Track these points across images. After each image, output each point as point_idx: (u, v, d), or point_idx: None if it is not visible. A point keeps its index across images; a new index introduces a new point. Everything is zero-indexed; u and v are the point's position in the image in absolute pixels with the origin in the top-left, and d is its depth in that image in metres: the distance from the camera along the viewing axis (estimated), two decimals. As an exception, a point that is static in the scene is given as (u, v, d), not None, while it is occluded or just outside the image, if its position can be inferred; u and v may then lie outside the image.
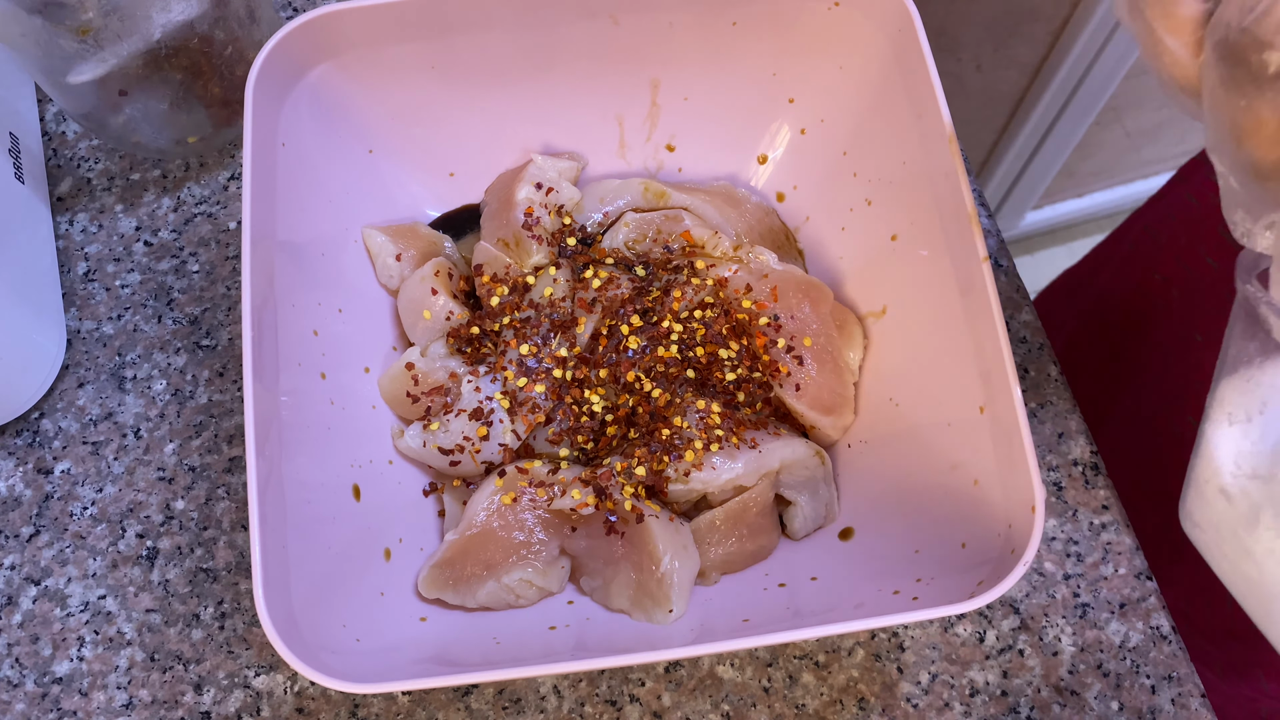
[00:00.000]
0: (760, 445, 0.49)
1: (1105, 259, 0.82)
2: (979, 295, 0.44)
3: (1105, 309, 0.78)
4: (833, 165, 0.54)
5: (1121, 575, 0.54)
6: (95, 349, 0.58)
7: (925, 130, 0.47)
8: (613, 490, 0.47)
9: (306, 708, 0.51)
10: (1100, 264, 0.83)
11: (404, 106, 0.53)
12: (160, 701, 0.51)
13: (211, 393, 0.57)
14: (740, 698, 0.51)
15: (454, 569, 0.47)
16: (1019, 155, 1.25)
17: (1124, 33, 1.02)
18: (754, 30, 0.52)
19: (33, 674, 0.52)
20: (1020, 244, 1.50)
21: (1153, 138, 1.32)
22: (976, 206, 0.45)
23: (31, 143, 0.61)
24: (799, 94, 0.54)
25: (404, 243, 0.53)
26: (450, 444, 0.49)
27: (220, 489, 0.55)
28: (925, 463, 0.48)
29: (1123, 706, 0.51)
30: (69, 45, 0.50)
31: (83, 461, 0.56)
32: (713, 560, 0.48)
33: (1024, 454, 0.41)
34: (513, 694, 0.52)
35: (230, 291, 0.59)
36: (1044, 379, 0.58)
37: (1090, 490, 0.55)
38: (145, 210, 0.61)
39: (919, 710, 0.51)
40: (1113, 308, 0.77)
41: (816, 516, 0.50)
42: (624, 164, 0.57)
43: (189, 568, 0.54)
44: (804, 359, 0.50)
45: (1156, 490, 0.66)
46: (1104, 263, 0.82)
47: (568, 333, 0.51)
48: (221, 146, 0.62)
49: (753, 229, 0.55)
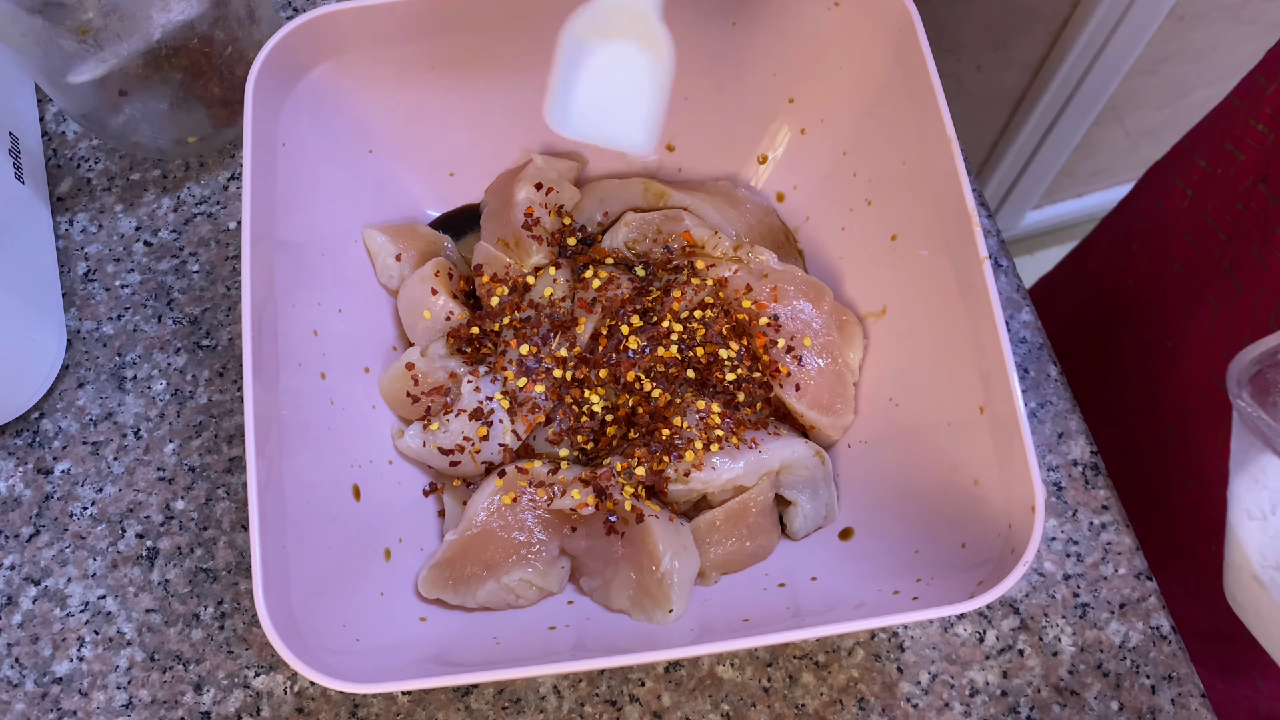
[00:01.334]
0: (760, 445, 0.49)
1: (1077, 269, 0.83)
2: (979, 295, 0.44)
3: (1080, 315, 0.79)
4: (833, 165, 0.54)
5: (1121, 575, 0.54)
6: (95, 349, 0.58)
7: (925, 130, 0.47)
8: (613, 490, 0.47)
9: (306, 708, 0.51)
10: (1073, 273, 0.83)
11: (404, 106, 0.53)
12: (160, 701, 0.51)
13: (211, 393, 0.57)
14: (740, 698, 0.51)
15: (454, 569, 0.47)
16: (1019, 155, 1.25)
17: (1124, 32, 1.02)
18: (754, 30, 0.52)
19: (33, 674, 0.52)
20: (1020, 244, 1.50)
21: (1153, 138, 1.32)
22: (976, 206, 0.45)
23: (31, 143, 0.61)
24: (799, 94, 0.54)
25: (404, 243, 0.53)
26: (450, 444, 0.49)
27: (220, 489, 0.55)
28: (925, 463, 0.48)
29: (1123, 706, 0.51)
30: (69, 45, 0.50)
31: (83, 461, 0.56)
32: (713, 560, 0.48)
33: (1024, 454, 0.41)
34: (513, 694, 0.52)
35: (230, 291, 0.59)
36: (1044, 379, 0.58)
37: (1090, 490, 0.55)
38: (145, 210, 0.61)
39: (919, 710, 0.51)
40: (1087, 313, 0.78)
41: (816, 516, 0.50)
42: (624, 164, 0.57)
43: (189, 568, 0.54)
44: (804, 359, 0.50)
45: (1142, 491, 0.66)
46: (1076, 272, 0.82)
47: (568, 333, 0.51)
48: (221, 146, 0.62)
49: (753, 229, 0.55)
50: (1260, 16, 1.12)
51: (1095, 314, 0.76)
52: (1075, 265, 0.84)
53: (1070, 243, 1.48)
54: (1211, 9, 1.08)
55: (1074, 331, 0.79)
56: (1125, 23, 1.01)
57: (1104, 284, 0.76)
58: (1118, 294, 0.72)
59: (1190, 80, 1.22)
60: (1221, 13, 1.10)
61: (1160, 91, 1.23)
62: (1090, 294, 0.78)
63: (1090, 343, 0.72)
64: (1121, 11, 1.00)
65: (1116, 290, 0.73)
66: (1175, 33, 1.10)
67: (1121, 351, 0.71)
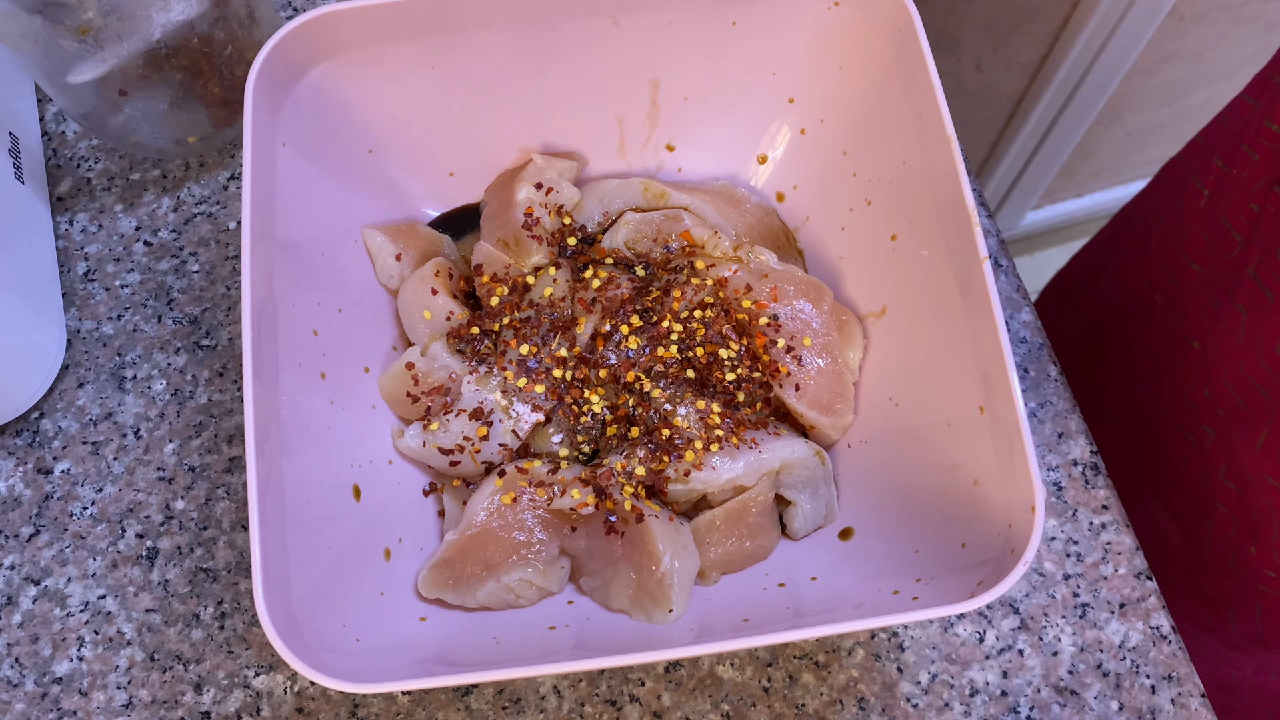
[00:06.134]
0: (760, 445, 0.49)
1: (1100, 261, 0.82)
2: (979, 295, 0.44)
3: (1098, 312, 0.78)
4: (833, 165, 0.54)
5: (1121, 575, 0.54)
6: (95, 349, 0.58)
7: (925, 130, 0.47)
8: (613, 490, 0.47)
9: (306, 708, 0.51)
10: (1096, 266, 0.83)
11: (404, 106, 0.53)
12: (160, 701, 0.51)
13: (211, 393, 0.57)
14: (740, 698, 0.51)
15: (454, 569, 0.47)
16: (1019, 155, 1.25)
17: (1124, 32, 1.02)
18: (754, 30, 0.52)
19: (33, 674, 0.52)
20: (1020, 244, 1.50)
21: (1153, 138, 1.32)
22: (976, 206, 0.45)
23: (31, 143, 0.61)
24: (799, 94, 0.54)
25: (404, 243, 0.53)
26: (450, 444, 0.49)
27: (220, 489, 0.55)
28: (925, 463, 0.48)
29: (1123, 706, 0.51)
30: (69, 45, 0.50)
31: (83, 461, 0.56)
32: (713, 560, 0.48)
33: (1024, 454, 0.41)
34: (513, 694, 0.52)
35: (230, 291, 0.59)
36: (1044, 379, 0.58)
37: (1090, 490, 0.55)
38: (145, 210, 0.61)
39: (919, 710, 0.51)
40: (1106, 311, 0.77)
41: (816, 516, 0.50)
42: (624, 164, 0.57)
43: (189, 568, 0.54)
44: (804, 359, 0.50)
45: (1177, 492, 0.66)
46: (1100, 265, 0.82)
47: (568, 333, 0.51)
48: (221, 146, 0.62)
49: (753, 229, 0.55)
50: (1260, 16, 1.12)
51: (1112, 313, 0.76)
52: (1094, 261, 0.84)
53: (1070, 242, 1.49)
54: (1211, 9, 1.08)
55: (1088, 332, 0.79)
56: (1125, 23, 1.01)
57: (1121, 282, 0.75)
58: (1136, 294, 0.72)
59: (1190, 80, 1.22)
60: (1221, 12, 1.10)
61: (1160, 91, 1.23)
62: (1107, 292, 0.78)
63: (1104, 343, 0.72)
64: (1121, 11, 1.00)
65: (1134, 290, 0.72)
66: (1175, 33, 1.10)
67: (1142, 352, 0.71)
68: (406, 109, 0.53)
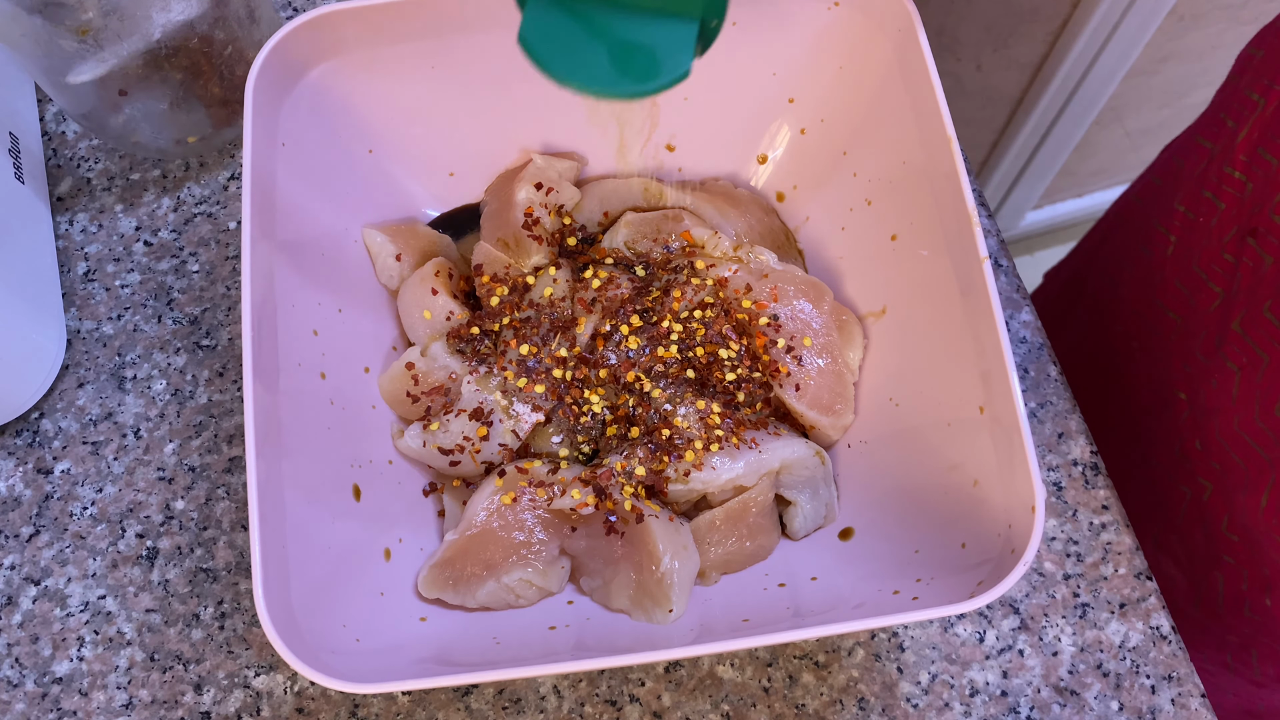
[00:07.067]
0: (760, 445, 0.49)
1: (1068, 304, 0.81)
2: (979, 295, 0.44)
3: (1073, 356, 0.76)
4: (833, 165, 0.54)
5: (1121, 575, 0.54)
6: (95, 349, 0.58)
7: (925, 130, 0.47)
8: (613, 490, 0.47)
9: (306, 708, 0.51)
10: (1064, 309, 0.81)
11: (404, 106, 0.53)
12: (160, 701, 0.51)
13: (211, 393, 0.57)
14: (740, 698, 0.51)
15: (454, 569, 0.47)
16: (1019, 155, 1.25)
17: (1124, 32, 1.02)
18: (754, 30, 0.52)
19: (33, 674, 0.52)
20: (1020, 244, 1.50)
21: (1153, 138, 1.32)
22: (976, 206, 0.45)
23: (31, 143, 0.61)
24: (799, 94, 0.54)
25: (404, 242, 0.53)
26: (450, 444, 0.49)
27: (220, 489, 0.55)
28: (925, 463, 0.48)
29: (1123, 706, 0.51)
30: (69, 45, 0.50)
31: (83, 461, 0.56)
32: (713, 560, 0.48)
33: (1024, 454, 0.41)
34: (513, 694, 0.52)
35: (230, 291, 0.59)
36: (1044, 379, 0.58)
37: (1090, 490, 0.55)
38: (145, 210, 0.61)
39: (919, 710, 0.51)
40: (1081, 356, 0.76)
41: (816, 516, 0.50)
42: (624, 164, 0.57)
43: (189, 568, 0.54)
44: (804, 359, 0.50)
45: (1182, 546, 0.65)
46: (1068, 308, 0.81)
47: (568, 333, 0.51)
48: (221, 146, 0.62)
49: (753, 229, 0.55)
50: (1260, 16, 1.12)
51: (1088, 361, 0.74)
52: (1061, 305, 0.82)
53: (1070, 243, 1.48)
54: (1211, 9, 1.08)
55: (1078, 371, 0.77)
56: (1125, 23, 1.01)
57: (1092, 328, 0.74)
58: (1112, 341, 0.70)
59: (1190, 80, 1.22)
60: (1221, 13, 1.10)
61: (1160, 91, 1.23)
62: (1080, 338, 0.76)
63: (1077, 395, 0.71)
64: (1121, 11, 1.00)
65: (1111, 337, 0.70)
66: (1175, 33, 1.10)
67: (1123, 402, 0.69)
68: (406, 109, 0.53)
